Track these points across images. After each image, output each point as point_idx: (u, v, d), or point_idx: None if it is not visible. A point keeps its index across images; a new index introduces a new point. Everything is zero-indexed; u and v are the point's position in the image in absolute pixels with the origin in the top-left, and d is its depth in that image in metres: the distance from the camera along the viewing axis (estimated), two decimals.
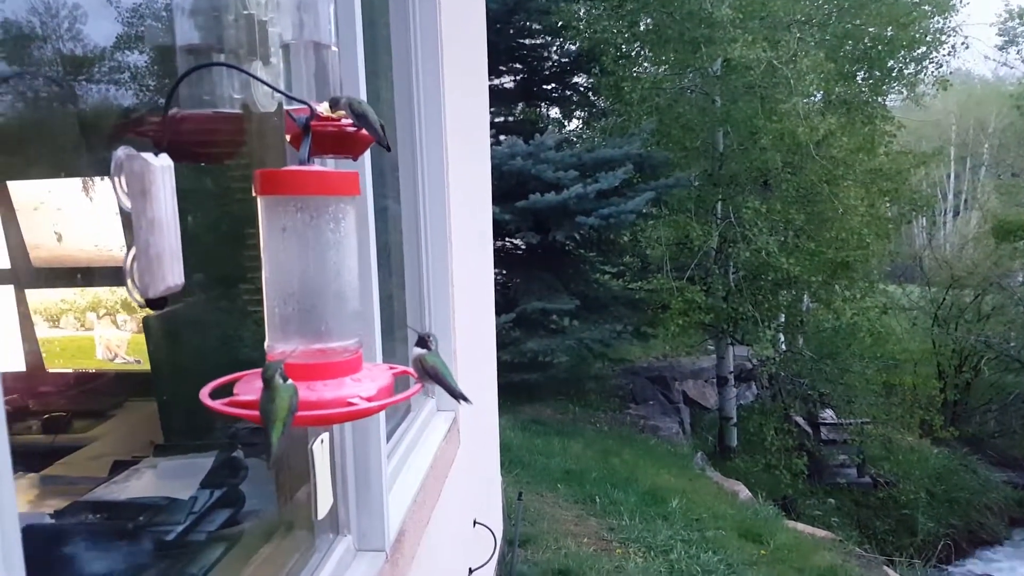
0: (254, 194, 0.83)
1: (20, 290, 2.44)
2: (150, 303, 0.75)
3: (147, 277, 0.74)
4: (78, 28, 2.24)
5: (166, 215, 0.75)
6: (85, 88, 2.38)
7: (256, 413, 0.77)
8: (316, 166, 0.86)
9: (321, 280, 0.83)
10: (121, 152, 0.75)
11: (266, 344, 0.86)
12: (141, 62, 2.29)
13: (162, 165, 0.75)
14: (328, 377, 0.84)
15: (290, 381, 0.78)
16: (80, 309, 2.49)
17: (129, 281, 0.75)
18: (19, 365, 2.48)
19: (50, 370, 2.52)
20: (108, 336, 2.50)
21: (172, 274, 0.75)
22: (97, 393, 2.58)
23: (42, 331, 2.47)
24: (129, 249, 0.75)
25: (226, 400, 0.83)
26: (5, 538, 0.62)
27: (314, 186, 0.82)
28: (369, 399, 0.82)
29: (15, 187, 2.32)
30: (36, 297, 2.45)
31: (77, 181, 2.32)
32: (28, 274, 2.41)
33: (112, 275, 1.74)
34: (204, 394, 0.85)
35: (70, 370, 2.55)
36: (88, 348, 2.49)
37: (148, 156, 0.75)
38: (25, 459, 2.14)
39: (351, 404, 0.81)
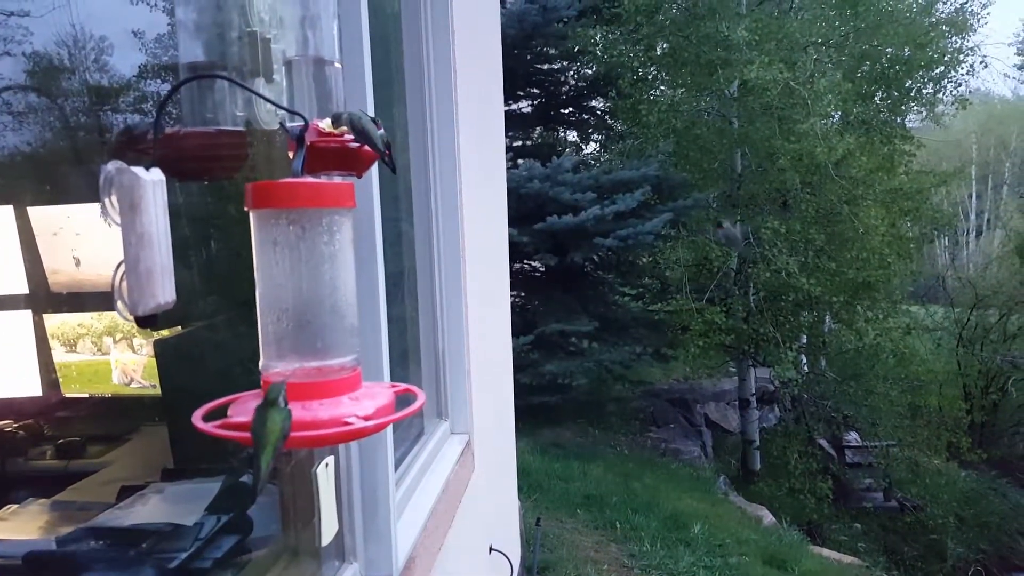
0: (246, 208, 0.81)
1: (38, 314, 2.45)
2: (140, 321, 0.73)
3: (136, 294, 0.72)
4: (104, 59, 2.26)
5: (156, 230, 0.73)
6: (107, 116, 2.40)
7: (248, 435, 0.74)
8: (308, 178, 0.84)
9: (316, 295, 0.81)
10: (111, 166, 0.74)
11: (261, 363, 0.83)
12: (163, 90, 2.31)
13: (153, 179, 0.73)
14: (324, 396, 0.81)
15: (286, 404, 0.75)
16: (97, 333, 2.49)
17: (118, 299, 0.73)
18: (35, 390, 2.48)
19: (66, 394, 2.52)
20: (124, 360, 2.50)
21: (163, 291, 0.73)
22: (112, 418, 2.57)
23: (59, 355, 2.48)
24: (118, 266, 0.73)
25: (218, 422, 0.81)
26: None
27: (306, 198, 0.80)
28: (366, 418, 0.79)
29: (35, 213, 2.34)
30: (54, 321, 2.45)
31: (96, 206, 2.33)
32: (46, 299, 2.42)
33: None
34: (197, 417, 0.83)
35: (86, 395, 2.54)
36: (104, 372, 2.49)
37: (138, 170, 0.73)
38: (38, 485, 2.13)
39: (347, 424, 0.78)
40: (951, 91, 14.08)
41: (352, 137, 0.93)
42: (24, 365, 2.45)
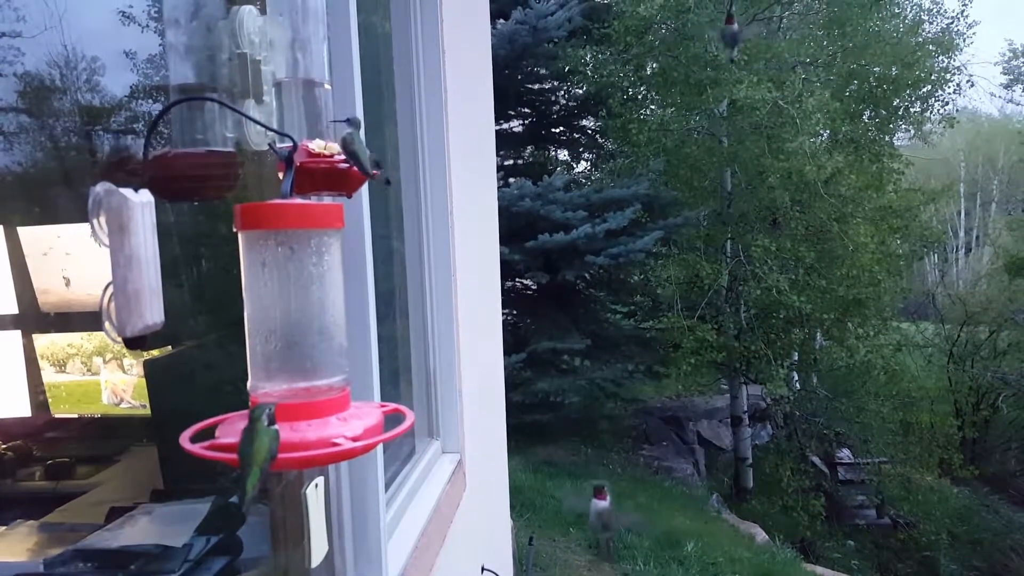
0: (235, 229, 0.81)
1: (28, 335, 2.44)
2: (128, 342, 0.73)
3: (124, 315, 0.72)
4: (95, 80, 2.27)
5: (145, 252, 0.73)
6: (97, 136, 2.40)
7: (235, 456, 0.74)
8: (297, 199, 0.84)
9: (304, 316, 0.81)
10: (100, 188, 0.74)
11: (249, 384, 0.83)
12: (153, 110, 2.31)
13: (141, 201, 0.74)
14: (313, 417, 0.81)
15: (273, 425, 0.75)
16: (87, 354, 2.48)
17: (106, 320, 0.74)
18: (24, 410, 2.46)
19: (56, 415, 2.50)
20: (114, 380, 2.48)
21: (151, 312, 0.73)
22: (101, 438, 2.56)
23: (49, 375, 2.46)
24: (107, 287, 0.73)
25: (206, 444, 0.81)
26: None
27: (295, 219, 0.81)
28: (355, 439, 0.79)
29: (25, 233, 2.33)
30: (43, 341, 2.44)
31: (86, 226, 2.31)
32: (36, 319, 2.41)
33: None
34: (184, 438, 0.83)
35: (75, 415, 2.53)
36: (94, 392, 2.47)
37: (127, 192, 0.73)
38: (26, 506, 2.11)
39: (335, 444, 0.78)
40: (938, 110, 14.24)
41: (342, 157, 0.94)
42: (13, 385, 2.43)
